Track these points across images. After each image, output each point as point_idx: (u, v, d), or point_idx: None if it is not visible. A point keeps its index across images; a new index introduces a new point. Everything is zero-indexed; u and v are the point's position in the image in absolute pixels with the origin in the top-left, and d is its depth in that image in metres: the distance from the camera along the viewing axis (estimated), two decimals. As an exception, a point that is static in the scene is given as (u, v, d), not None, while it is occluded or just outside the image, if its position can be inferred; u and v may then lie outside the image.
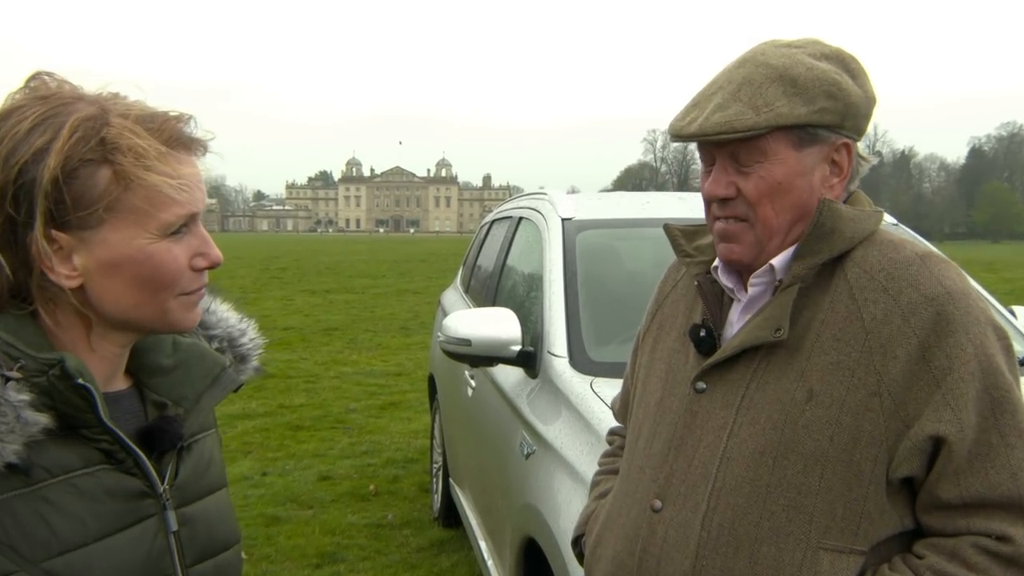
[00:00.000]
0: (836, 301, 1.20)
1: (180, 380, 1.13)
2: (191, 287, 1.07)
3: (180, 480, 1.10)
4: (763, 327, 1.21)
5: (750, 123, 1.19)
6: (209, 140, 1.08)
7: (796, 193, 1.22)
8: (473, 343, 2.79)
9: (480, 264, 4.71)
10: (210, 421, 1.21)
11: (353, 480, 5.60)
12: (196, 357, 1.15)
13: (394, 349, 11.11)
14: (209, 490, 1.15)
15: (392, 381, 8.92)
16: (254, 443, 6.47)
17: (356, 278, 24.50)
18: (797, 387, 1.18)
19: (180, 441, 1.10)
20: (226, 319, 1.25)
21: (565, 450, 2.28)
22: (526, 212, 3.74)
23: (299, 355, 10.54)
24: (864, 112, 1.24)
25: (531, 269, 3.33)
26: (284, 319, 14.18)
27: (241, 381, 1.21)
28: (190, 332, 1.15)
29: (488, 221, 5.01)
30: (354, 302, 17.34)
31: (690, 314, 1.38)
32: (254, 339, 1.26)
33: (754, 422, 1.20)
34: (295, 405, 7.76)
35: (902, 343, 1.14)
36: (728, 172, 1.24)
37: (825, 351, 1.18)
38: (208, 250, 1.08)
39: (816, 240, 1.21)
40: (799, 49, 1.24)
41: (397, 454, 6.19)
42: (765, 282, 1.26)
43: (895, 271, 1.18)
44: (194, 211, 1.05)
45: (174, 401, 1.12)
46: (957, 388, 1.12)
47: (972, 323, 1.14)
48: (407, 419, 7.23)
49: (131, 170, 1.00)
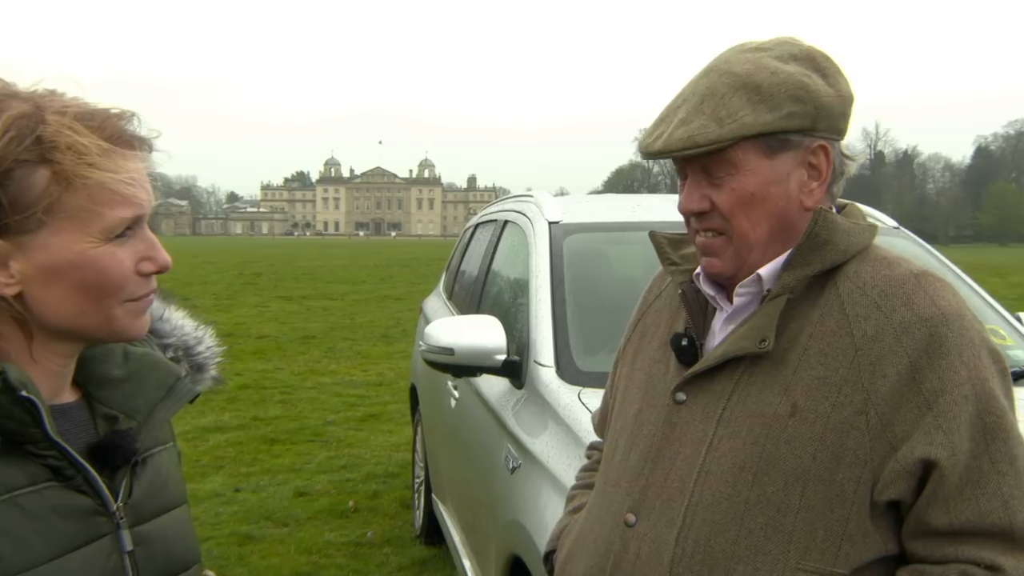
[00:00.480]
0: (826, 315, 1.20)
1: (132, 392, 1.12)
2: (138, 293, 1.06)
3: (134, 497, 1.09)
4: (748, 337, 1.22)
5: (713, 136, 1.20)
6: (154, 138, 1.07)
7: (772, 202, 1.23)
8: (456, 352, 2.80)
9: (464, 269, 4.72)
10: (166, 434, 1.20)
11: (331, 496, 5.59)
12: (149, 367, 1.14)
13: (374, 358, 11.09)
14: (166, 507, 1.14)
15: (372, 392, 8.92)
16: (226, 457, 6.45)
17: (335, 284, 24.45)
18: (781, 401, 1.19)
19: (133, 456, 1.09)
20: (181, 327, 1.24)
21: (552, 464, 2.29)
22: (511, 215, 3.76)
23: (275, 365, 10.53)
24: (839, 111, 1.25)
25: (517, 275, 3.34)
26: (259, 327, 14.14)
27: (198, 391, 1.20)
28: (140, 341, 1.14)
29: (472, 224, 5.02)
30: (333, 309, 17.30)
31: (673, 324, 1.39)
32: (211, 347, 1.25)
33: (735, 436, 1.21)
34: (270, 417, 7.74)
35: (892, 362, 1.14)
36: (701, 186, 1.26)
37: (811, 365, 1.18)
38: (155, 254, 1.07)
39: (809, 251, 1.22)
40: (766, 52, 1.25)
41: (377, 468, 6.19)
42: (752, 292, 1.27)
43: (889, 288, 1.19)
44: (140, 213, 1.04)
45: (126, 414, 1.10)
46: (950, 411, 1.13)
47: (966, 346, 1.15)
48: (388, 432, 7.23)
49: (72, 169, 0.98)
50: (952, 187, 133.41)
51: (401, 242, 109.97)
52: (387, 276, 28.16)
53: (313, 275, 28.39)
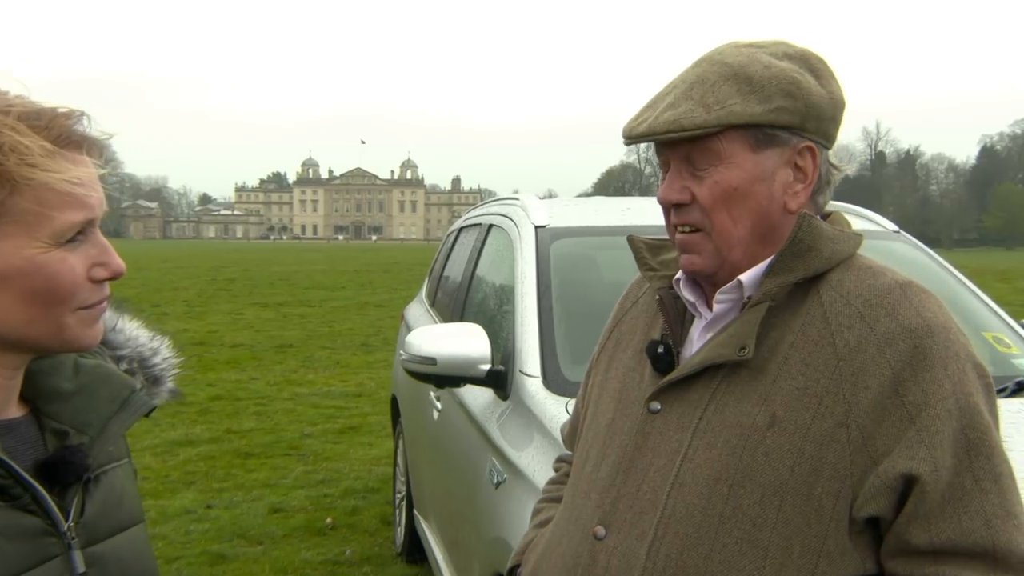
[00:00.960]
0: (808, 324, 1.21)
1: (83, 405, 1.11)
2: (90, 300, 1.05)
3: (87, 516, 1.08)
4: (727, 345, 1.22)
5: (699, 121, 1.21)
6: (107, 139, 1.06)
7: (755, 199, 1.25)
8: (438, 362, 2.80)
9: (447, 275, 4.73)
10: (121, 450, 1.19)
11: (308, 512, 5.58)
12: (101, 380, 1.14)
13: (354, 368, 11.08)
14: (121, 527, 1.13)
15: (352, 403, 8.90)
16: (198, 473, 6.42)
17: (312, 290, 24.40)
18: (759, 411, 1.19)
19: (85, 473, 1.08)
20: (135, 338, 1.23)
21: (538, 479, 2.29)
22: (496, 219, 3.77)
23: (249, 375, 10.49)
24: (829, 114, 1.27)
25: (502, 281, 3.35)
26: (233, 335, 14.10)
27: (154, 405, 1.19)
28: (91, 352, 1.13)
29: (456, 228, 5.03)
30: (310, 316, 17.27)
31: (649, 331, 1.40)
32: (168, 358, 1.25)
33: (710, 446, 1.21)
34: (244, 430, 7.71)
35: (875, 373, 1.15)
36: (682, 176, 1.27)
37: (792, 375, 1.19)
38: (108, 259, 1.06)
39: (791, 257, 1.23)
40: (760, 49, 1.27)
41: (357, 483, 6.18)
42: (732, 299, 1.28)
43: (873, 298, 1.20)
44: (91, 216, 1.03)
45: (77, 429, 1.09)
46: (932, 426, 1.13)
47: (951, 359, 1.16)
48: (368, 444, 7.22)
49: (15, 170, 0.98)
50: (956, 188, 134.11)
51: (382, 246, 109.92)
52: (367, 282, 28.11)
53: (290, 281, 28.31)
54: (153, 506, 5.51)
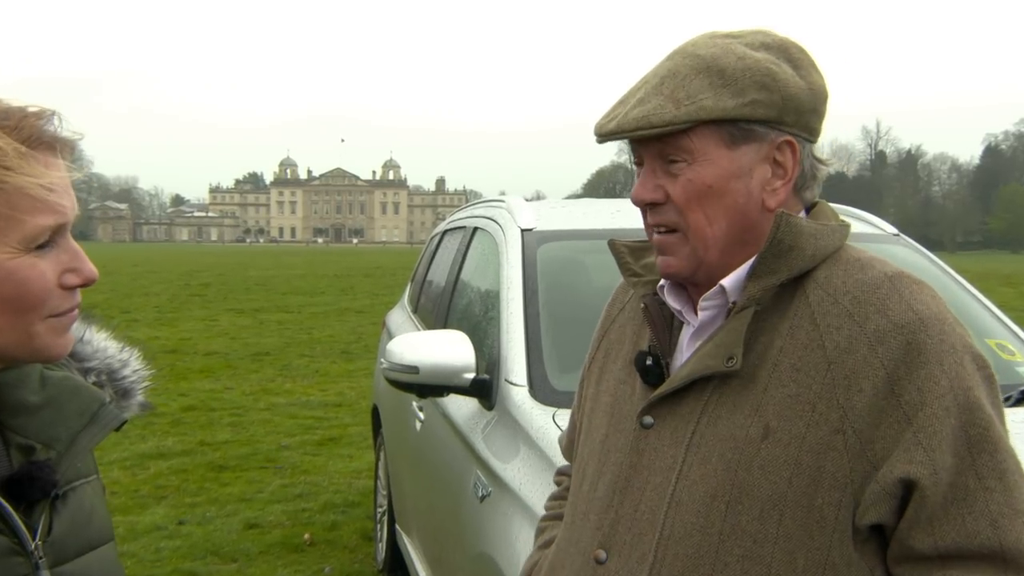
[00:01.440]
0: (796, 327, 1.21)
1: (51, 419, 1.10)
2: (61, 308, 1.05)
3: (55, 535, 1.07)
4: (714, 355, 1.22)
5: (668, 117, 1.21)
6: (78, 139, 1.06)
7: (731, 197, 1.24)
8: (421, 370, 2.80)
9: (430, 280, 4.73)
10: (89, 466, 1.19)
11: (285, 528, 5.57)
12: (69, 392, 1.13)
13: (334, 376, 11.07)
14: (90, 545, 1.13)
15: (331, 413, 8.89)
16: (169, 487, 6.40)
17: (290, 295, 24.36)
18: (752, 423, 1.19)
19: (53, 489, 1.07)
20: (104, 349, 1.23)
21: (524, 492, 2.30)
22: (481, 221, 3.78)
23: (224, 384, 10.46)
24: (809, 106, 1.26)
25: (487, 286, 3.36)
26: (207, 343, 14.06)
27: (124, 418, 1.19)
28: (58, 364, 1.13)
29: (439, 231, 5.03)
30: (288, 323, 17.24)
31: (637, 340, 1.40)
32: (138, 371, 1.24)
33: (705, 461, 1.21)
34: (218, 442, 7.69)
35: (868, 375, 1.15)
36: (656, 174, 1.27)
37: (783, 383, 1.19)
38: (80, 265, 1.06)
39: (773, 258, 1.22)
40: (736, 39, 1.26)
41: (336, 497, 6.17)
42: (717, 305, 1.27)
43: (861, 295, 1.19)
44: (63, 220, 1.03)
45: (44, 444, 1.09)
46: (930, 425, 1.13)
47: (947, 352, 1.15)
48: (348, 457, 7.22)
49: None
50: (959, 189, 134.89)
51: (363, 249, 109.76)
52: (348, 287, 28.06)
53: (267, 286, 28.25)
54: (122, 522, 5.48)
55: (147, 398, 1.26)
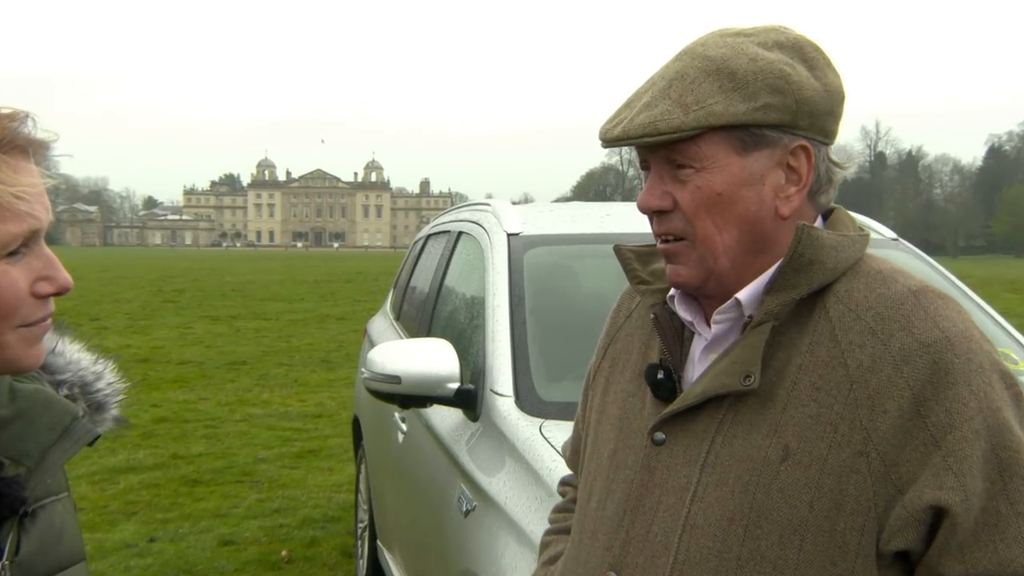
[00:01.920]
0: (816, 343, 1.20)
1: (20, 434, 1.10)
2: (33, 317, 1.05)
3: (23, 554, 1.07)
4: (730, 373, 1.21)
5: (676, 123, 1.20)
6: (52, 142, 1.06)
7: (742, 205, 1.23)
8: (403, 380, 2.80)
9: (413, 286, 4.73)
10: (60, 483, 1.18)
11: (261, 545, 5.55)
12: (40, 406, 1.13)
13: (313, 386, 11.05)
14: (60, 565, 1.13)
15: (311, 424, 8.89)
16: (140, 502, 6.37)
17: (268, 302, 24.32)
18: (770, 444, 1.18)
19: (22, 506, 1.07)
20: (77, 361, 1.22)
21: (510, 506, 2.30)
22: (466, 226, 3.78)
23: (198, 394, 10.44)
24: (825, 109, 1.25)
25: (472, 292, 3.36)
26: (181, 351, 14.04)
27: (97, 433, 1.18)
28: (29, 376, 1.13)
29: (423, 236, 5.04)
30: (266, 330, 17.22)
31: (646, 350, 1.39)
32: (112, 383, 1.24)
33: (721, 483, 1.20)
34: (192, 455, 7.67)
35: (893, 395, 1.14)
36: (664, 181, 1.26)
37: (803, 402, 1.18)
38: (54, 273, 1.05)
39: (793, 272, 1.21)
40: (748, 38, 1.25)
41: (315, 512, 6.16)
42: (731, 319, 1.26)
43: (885, 311, 1.18)
44: (36, 227, 1.03)
45: (13, 459, 1.09)
46: (960, 449, 1.12)
47: (975, 372, 1.14)
48: (328, 470, 7.21)
49: None
50: (962, 192, 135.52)
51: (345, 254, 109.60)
52: (328, 293, 28.03)
53: (244, 292, 28.19)
54: (90, 540, 5.45)
55: (121, 412, 1.25)
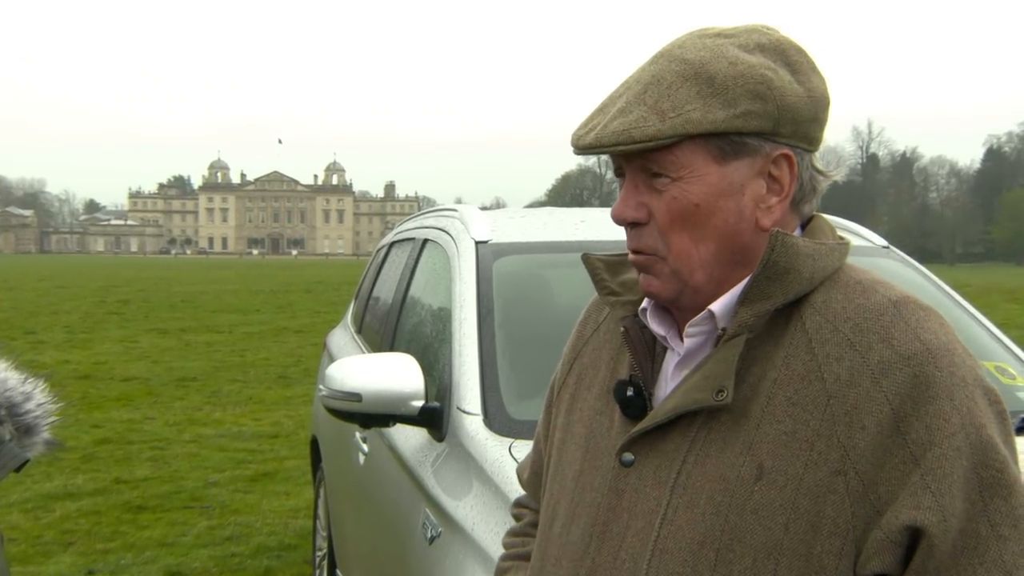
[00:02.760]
0: (792, 356, 1.21)
1: None
2: None
3: None
4: (702, 388, 1.22)
5: (652, 131, 1.21)
6: None
7: (720, 217, 1.24)
8: (364, 398, 2.80)
9: (376, 297, 4.73)
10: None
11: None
12: None
13: (269, 404, 11.02)
14: None
15: (266, 445, 8.86)
16: (78, 531, 6.32)
17: (221, 313, 24.21)
18: (744, 462, 1.19)
19: None
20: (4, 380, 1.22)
21: (478, 533, 2.30)
22: (432, 233, 3.79)
23: (144, 413, 10.38)
24: (809, 115, 1.25)
25: (438, 304, 3.37)
26: (125, 367, 13.95)
27: (25, 458, 1.17)
28: None
29: (386, 243, 5.04)
30: (218, 344, 17.16)
31: (615, 365, 1.39)
32: (43, 404, 1.23)
33: (692, 505, 1.21)
34: (136, 479, 7.62)
35: (872, 411, 1.15)
36: (639, 191, 1.27)
37: (778, 418, 1.19)
38: None
39: (767, 282, 1.22)
40: (728, 40, 1.26)
41: (270, 540, 6.14)
42: (705, 331, 1.27)
43: (864, 322, 1.19)
44: None
45: None
46: (939, 467, 1.13)
47: (957, 386, 1.15)
48: (284, 494, 7.19)
49: None
50: (959, 196, 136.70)
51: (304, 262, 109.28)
52: (286, 304, 27.94)
53: (194, 303, 28.04)
54: (21, 574, 5.40)
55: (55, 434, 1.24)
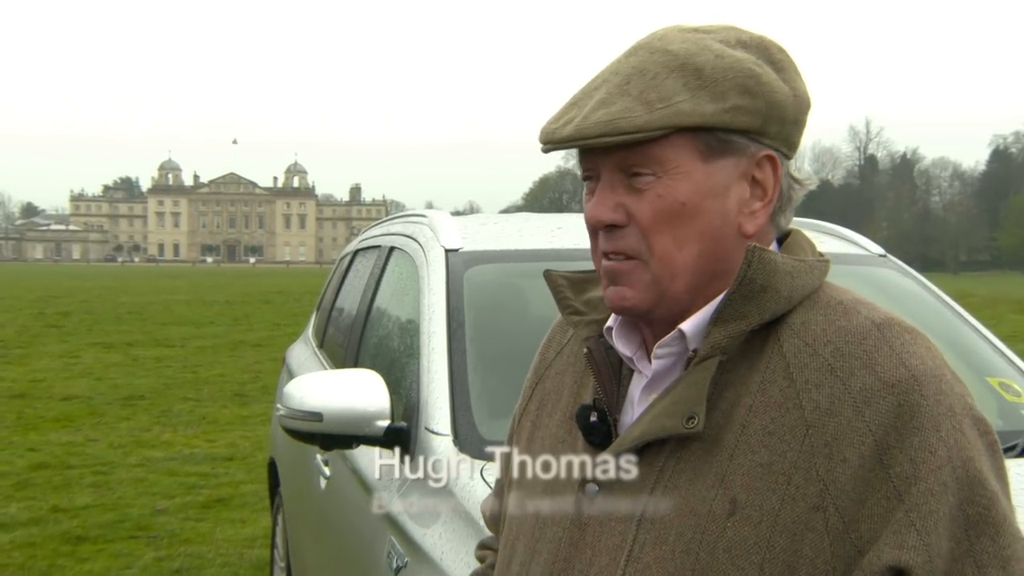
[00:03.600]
0: (768, 382, 1.20)
1: None
2: None
3: None
4: (671, 414, 1.22)
5: (640, 122, 1.20)
6: None
7: (705, 219, 1.24)
8: (325, 417, 2.79)
9: (340, 308, 4.73)
10: None
11: (161, 611, 5.50)
12: None
13: (224, 424, 10.99)
14: None
15: (220, 468, 8.83)
16: (11, 565, 6.27)
17: (172, 326, 24.11)
18: (716, 496, 1.18)
19: None
20: None
21: (447, 562, 2.30)
22: (398, 240, 3.79)
23: (86, 435, 10.31)
24: (792, 116, 1.27)
25: (405, 317, 3.37)
26: (65, 385, 13.87)
27: None
28: None
29: (350, 251, 5.04)
30: (169, 359, 17.08)
31: (579, 390, 1.39)
32: None
33: (661, 541, 1.20)
34: (77, 507, 7.57)
35: (854, 442, 1.14)
36: (616, 191, 1.26)
37: (753, 448, 1.18)
38: None
39: (742, 300, 1.22)
40: (708, 35, 1.27)
41: (224, 572, 6.12)
42: (674, 353, 1.27)
43: (845, 346, 1.19)
44: None
45: None
46: (925, 504, 1.12)
47: (944, 416, 1.15)
48: (239, 521, 7.17)
49: None
50: (963, 200, 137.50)
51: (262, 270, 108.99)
52: (243, 315, 27.85)
53: (143, 314, 27.91)
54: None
55: None
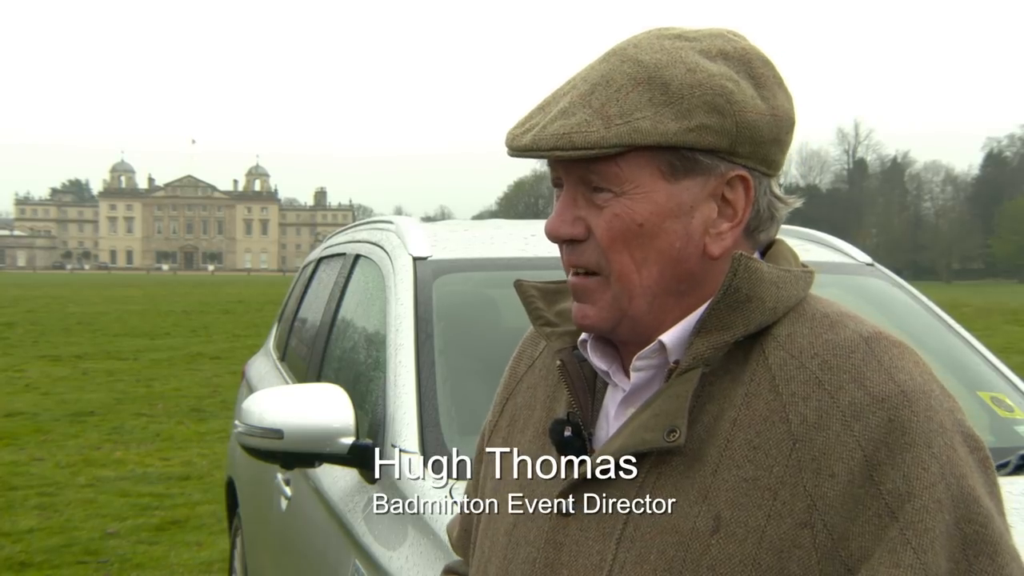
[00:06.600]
0: (753, 395, 1.21)
1: None
2: None
3: None
4: (652, 427, 1.22)
5: (594, 138, 1.20)
6: None
7: (665, 240, 1.24)
8: (286, 434, 2.79)
9: (302, 319, 4.72)
10: None
11: (112, 640, 5.47)
12: None
13: (180, 441, 10.92)
14: None
15: (175, 488, 8.78)
16: (-46, 592, 6.24)
17: (125, 337, 23.97)
18: (699, 512, 1.19)
19: None
20: None
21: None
22: (364, 248, 3.80)
23: (30, 454, 10.22)
24: (770, 136, 1.26)
25: (371, 328, 3.37)
26: (8, 400, 13.75)
27: None
28: None
29: (313, 259, 5.04)
30: (121, 373, 16.98)
31: (552, 404, 1.40)
32: None
33: (641, 560, 1.21)
34: (20, 531, 7.51)
35: (843, 457, 1.15)
36: (577, 204, 1.27)
37: (737, 463, 1.19)
38: None
39: (727, 310, 1.23)
40: (689, 43, 1.26)
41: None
42: (654, 365, 1.28)
43: (833, 359, 1.20)
44: None
45: None
46: (920, 521, 1.13)
47: (935, 432, 1.16)
48: (196, 544, 7.13)
49: None
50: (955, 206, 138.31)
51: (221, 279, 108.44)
52: (201, 326, 27.72)
53: (93, 325, 27.73)
54: None
55: None
